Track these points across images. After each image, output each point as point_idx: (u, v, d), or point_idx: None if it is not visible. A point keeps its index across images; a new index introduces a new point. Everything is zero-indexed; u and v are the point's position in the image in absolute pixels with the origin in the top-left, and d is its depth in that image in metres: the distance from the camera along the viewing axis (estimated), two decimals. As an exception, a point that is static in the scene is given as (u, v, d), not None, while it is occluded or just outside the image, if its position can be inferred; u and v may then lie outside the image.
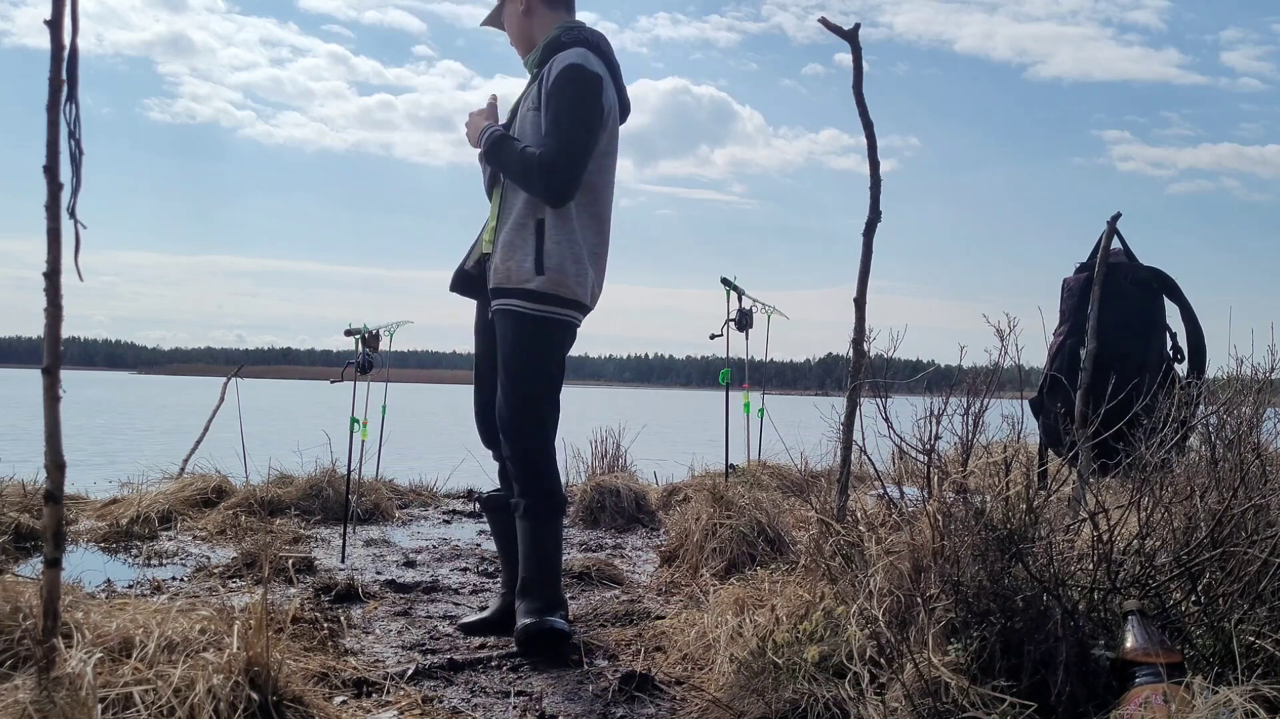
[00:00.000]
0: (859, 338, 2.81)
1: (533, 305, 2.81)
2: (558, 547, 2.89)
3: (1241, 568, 1.91)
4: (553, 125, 2.79)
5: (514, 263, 2.82)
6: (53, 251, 1.58)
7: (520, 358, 2.84)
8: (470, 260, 3.04)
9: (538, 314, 2.82)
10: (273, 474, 5.45)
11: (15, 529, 4.01)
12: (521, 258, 2.81)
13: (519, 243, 2.82)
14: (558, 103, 2.80)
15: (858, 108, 2.92)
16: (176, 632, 2.00)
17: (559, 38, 2.92)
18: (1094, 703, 1.76)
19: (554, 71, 2.82)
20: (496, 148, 2.89)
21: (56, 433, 1.61)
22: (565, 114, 2.78)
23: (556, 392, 2.93)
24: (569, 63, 2.82)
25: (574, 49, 2.86)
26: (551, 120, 2.79)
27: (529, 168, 2.78)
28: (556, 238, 2.82)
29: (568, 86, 2.79)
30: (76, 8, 1.57)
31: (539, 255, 2.80)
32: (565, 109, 2.79)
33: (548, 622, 2.69)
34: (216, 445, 6.30)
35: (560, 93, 2.80)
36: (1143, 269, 4.02)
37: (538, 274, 2.80)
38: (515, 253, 2.82)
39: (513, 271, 2.82)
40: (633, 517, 5.35)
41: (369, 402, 4.40)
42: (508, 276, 2.83)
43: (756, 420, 5.71)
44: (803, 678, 2.02)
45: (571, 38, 2.92)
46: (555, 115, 2.79)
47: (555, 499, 2.86)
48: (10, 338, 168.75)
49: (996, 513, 2.01)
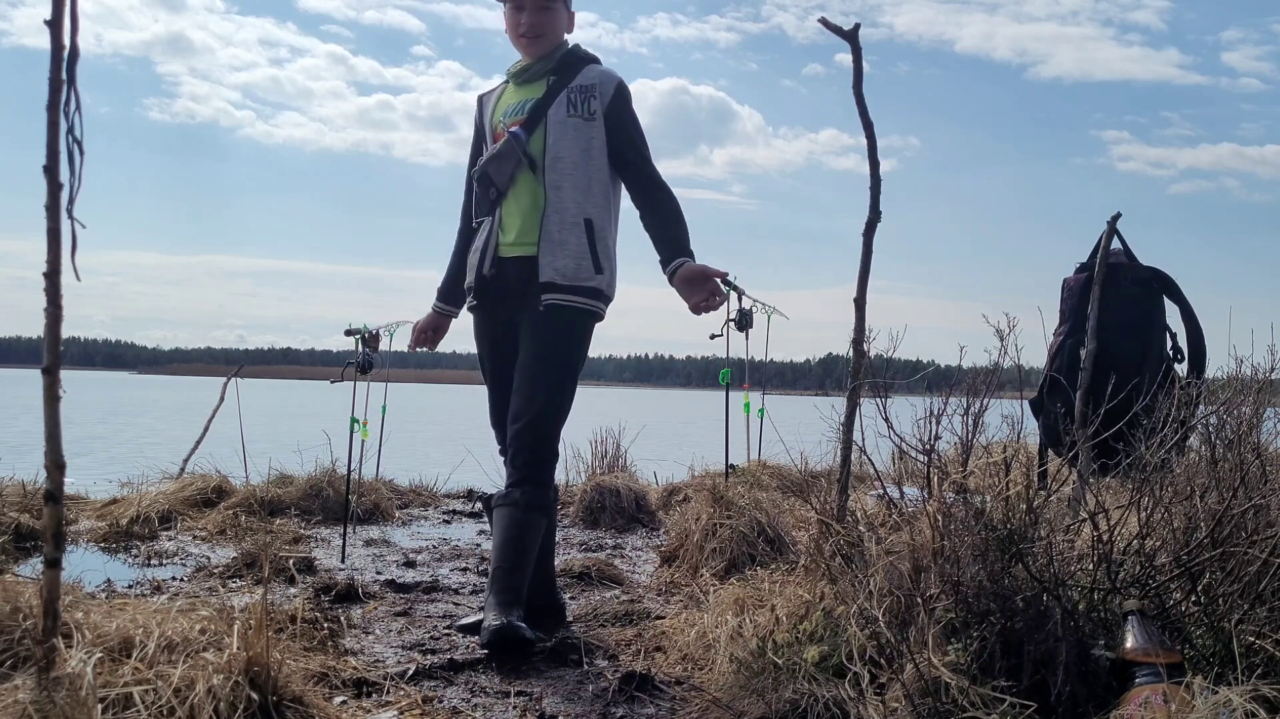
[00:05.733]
0: (859, 338, 2.81)
1: (590, 302, 2.92)
2: (535, 542, 2.86)
3: (1241, 568, 1.91)
4: (643, 139, 3.02)
5: (569, 259, 2.88)
6: (53, 251, 1.58)
7: (570, 354, 2.91)
8: (485, 266, 2.98)
9: (593, 310, 2.94)
10: (273, 474, 5.45)
11: (15, 529, 4.00)
12: (578, 255, 2.88)
13: (572, 241, 2.88)
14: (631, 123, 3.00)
15: (858, 108, 2.92)
16: (176, 632, 2.00)
17: (575, 51, 3.06)
18: (1094, 703, 1.76)
19: (607, 87, 2.96)
20: (688, 241, 2.97)
21: (56, 433, 1.61)
22: (639, 131, 3.02)
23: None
24: (620, 80, 3.01)
25: (600, 65, 3.04)
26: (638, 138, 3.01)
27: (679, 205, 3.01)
28: (604, 238, 2.94)
29: (629, 102, 3.01)
30: (76, 8, 1.57)
31: (595, 254, 2.90)
32: (638, 127, 3.03)
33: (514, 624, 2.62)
34: (216, 445, 6.31)
35: (626, 109, 2.99)
36: (1143, 269, 4.02)
37: (597, 273, 2.90)
38: (569, 250, 2.88)
39: (569, 269, 2.88)
40: (633, 517, 5.35)
41: (369, 401, 4.41)
42: (563, 273, 2.87)
43: (756, 420, 5.71)
44: (803, 678, 2.02)
45: (585, 54, 3.07)
46: (636, 135, 3.01)
47: (547, 493, 2.90)
48: (10, 338, 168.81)
49: (996, 513, 2.01)
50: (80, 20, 1.57)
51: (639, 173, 2.98)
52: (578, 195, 2.89)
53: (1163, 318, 4.03)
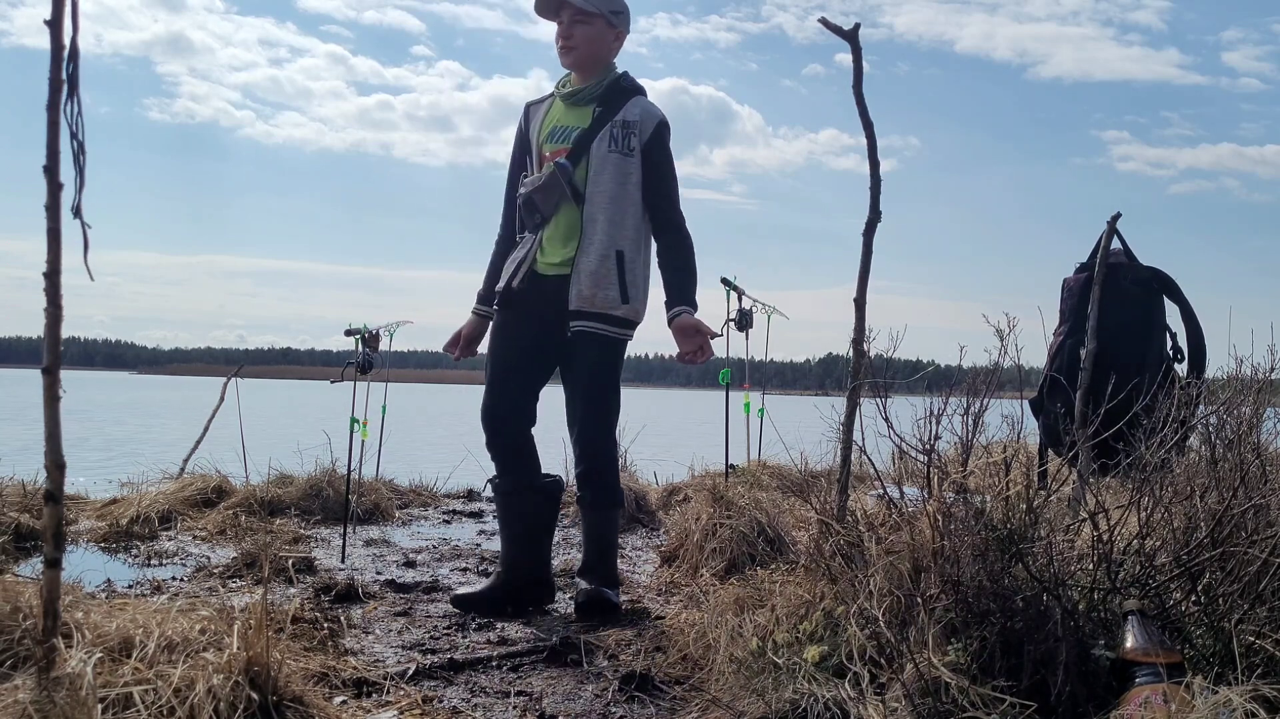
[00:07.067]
0: (859, 338, 2.81)
1: (618, 330, 3.17)
2: (616, 533, 3.37)
3: (1241, 568, 1.91)
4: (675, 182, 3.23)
5: (600, 289, 3.11)
6: (53, 251, 1.58)
7: (608, 376, 3.19)
8: (517, 278, 3.21)
9: (621, 337, 3.19)
10: (273, 474, 5.45)
11: (15, 529, 4.00)
12: (607, 285, 3.11)
13: (603, 272, 3.11)
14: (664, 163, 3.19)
15: (858, 108, 2.92)
16: (176, 632, 2.00)
17: (621, 81, 3.20)
18: (1094, 703, 1.76)
19: (648, 125, 3.15)
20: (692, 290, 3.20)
21: (56, 433, 1.62)
22: (672, 172, 3.22)
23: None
24: (662, 119, 3.18)
25: (643, 98, 3.21)
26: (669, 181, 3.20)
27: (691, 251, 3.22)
28: (634, 268, 3.15)
29: (668, 141, 3.20)
30: (76, 8, 1.57)
31: (623, 285, 3.12)
32: (670, 167, 3.21)
33: (604, 592, 3.14)
34: (216, 445, 6.30)
35: (662, 150, 3.18)
36: (1143, 269, 4.02)
37: (624, 302, 3.13)
38: (600, 280, 3.11)
39: (599, 298, 3.12)
40: (633, 517, 5.34)
41: (369, 401, 4.41)
42: (592, 302, 3.12)
43: (756, 420, 5.71)
44: (803, 678, 2.02)
45: (632, 84, 3.21)
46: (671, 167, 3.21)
47: (618, 493, 3.32)
48: (10, 338, 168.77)
49: (996, 513, 2.01)
50: (80, 20, 1.57)
51: (661, 215, 3.20)
52: (611, 229, 3.11)
53: (1163, 318, 4.03)
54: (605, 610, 3.13)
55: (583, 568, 3.29)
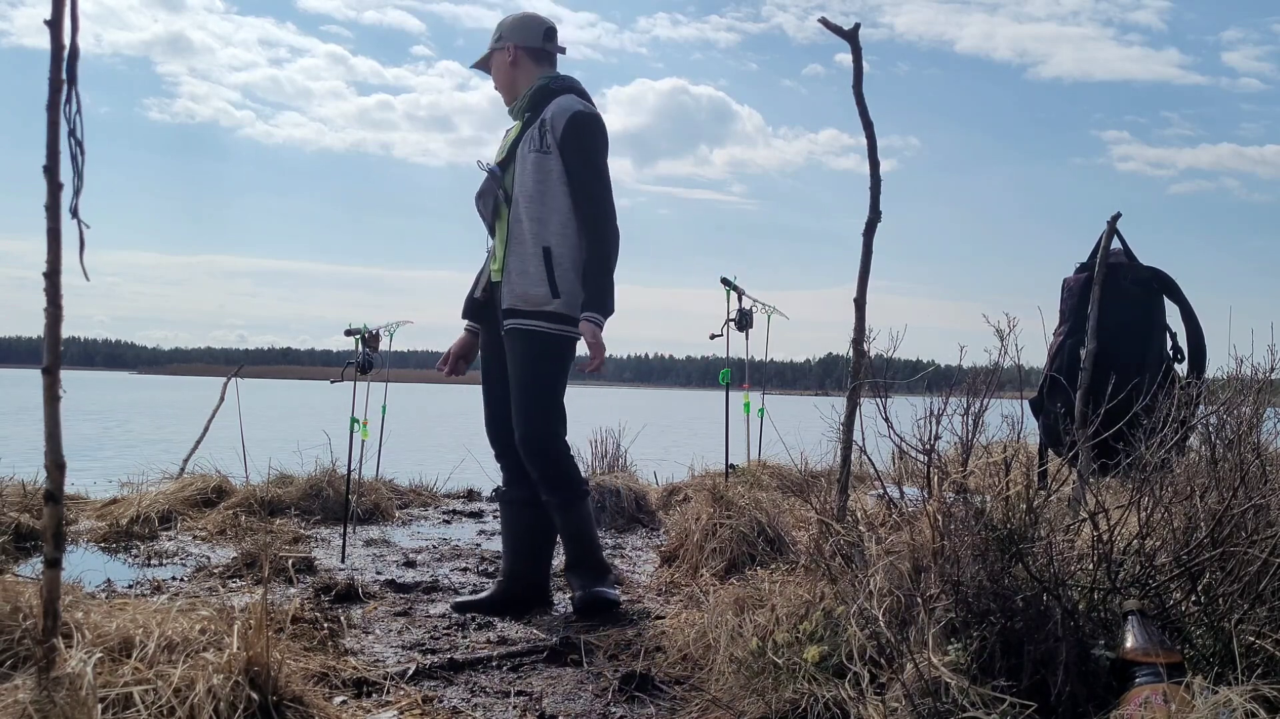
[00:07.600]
0: (859, 338, 2.81)
1: (553, 326, 3.14)
2: (590, 523, 3.28)
3: (1241, 568, 1.91)
4: (592, 174, 3.15)
5: (528, 287, 3.12)
6: (53, 251, 1.58)
7: (541, 371, 3.16)
8: (479, 289, 3.33)
9: (556, 333, 3.15)
10: (273, 474, 5.45)
11: (15, 529, 4.00)
12: (535, 283, 3.12)
13: (531, 269, 3.13)
14: (580, 156, 3.14)
15: (858, 108, 2.92)
16: (176, 632, 2.00)
17: (547, 85, 3.26)
18: (1094, 703, 1.76)
19: (560, 119, 3.14)
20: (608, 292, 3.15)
21: (56, 433, 1.61)
22: (594, 157, 3.16)
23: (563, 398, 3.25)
24: (575, 110, 3.16)
25: (567, 95, 3.21)
26: (586, 167, 3.14)
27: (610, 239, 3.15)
28: (563, 263, 3.14)
29: (584, 133, 3.15)
30: (76, 8, 1.57)
31: (551, 281, 3.12)
32: (590, 153, 3.16)
33: (598, 591, 3.15)
34: (216, 445, 6.30)
35: (577, 142, 3.14)
36: (1143, 269, 4.01)
37: (554, 298, 3.12)
38: (528, 278, 3.13)
39: (529, 295, 3.13)
40: (633, 517, 5.35)
41: (369, 401, 4.41)
42: (524, 299, 3.13)
43: (756, 420, 5.71)
44: (803, 678, 2.02)
45: (560, 85, 3.26)
46: (586, 160, 3.14)
47: (578, 485, 3.24)
48: (10, 338, 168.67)
49: (996, 513, 2.01)
50: (80, 20, 1.57)
51: (580, 212, 3.17)
52: (536, 227, 3.14)
53: (1163, 318, 4.02)
54: (604, 608, 3.15)
55: (568, 565, 3.29)
